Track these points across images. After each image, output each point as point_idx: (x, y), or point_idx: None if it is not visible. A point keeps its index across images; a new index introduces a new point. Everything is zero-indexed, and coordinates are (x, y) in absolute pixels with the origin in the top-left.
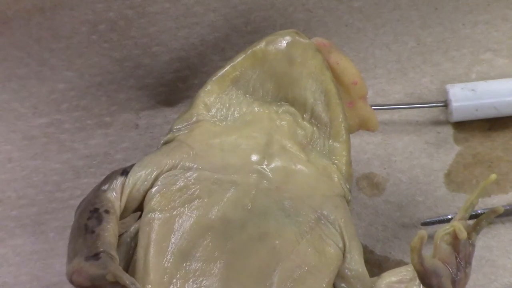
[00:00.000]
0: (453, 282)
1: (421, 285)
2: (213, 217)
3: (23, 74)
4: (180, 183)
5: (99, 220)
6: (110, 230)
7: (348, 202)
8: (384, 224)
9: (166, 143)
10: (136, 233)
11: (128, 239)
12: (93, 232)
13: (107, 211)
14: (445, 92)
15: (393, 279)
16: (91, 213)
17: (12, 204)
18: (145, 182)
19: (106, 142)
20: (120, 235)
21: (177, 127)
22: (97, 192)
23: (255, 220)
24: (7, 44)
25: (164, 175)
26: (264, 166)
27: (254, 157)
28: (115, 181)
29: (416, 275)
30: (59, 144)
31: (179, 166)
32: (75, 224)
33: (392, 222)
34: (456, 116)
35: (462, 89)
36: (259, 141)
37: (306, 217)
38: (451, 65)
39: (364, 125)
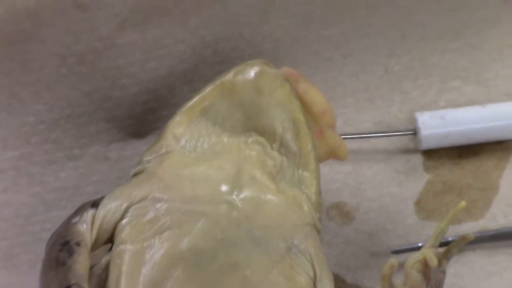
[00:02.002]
0: None
1: None
2: (184, 248)
3: None
4: (150, 215)
5: (70, 253)
6: (81, 262)
7: (318, 231)
8: (354, 253)
9: (136, 174)
10: (107, 265)
11: (99, 271)
12: (64, 264)
13: (78, 244)
14: (414, 120)
15: None
16: (62, 246)
17: None
18: (116, 214)
19: (76, 174)
20: (91, 267)
21: (147, 158)
22: (68, 224)
23: (225, 250)
24: None
25: (134, 206)
26: (234, 197)
27: (224, 188)
28: (85, 213)
29: None
30: (29, 177)
31: (149, 197)
32: (46, 257)
33: (362, 250)
34: (426, 144)
35: (431, 117)
36: (229, 171)
37: (276, 247)
38: (419, 93)
39: (333, 154)
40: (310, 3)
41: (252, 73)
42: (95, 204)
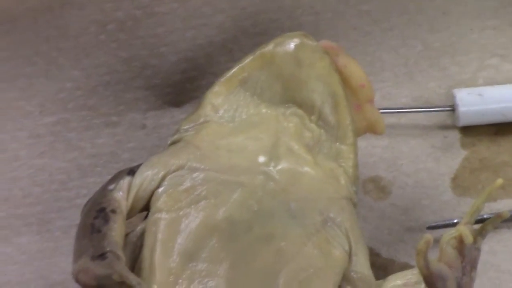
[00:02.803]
0: (459, 286)
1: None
2: (220, 218)
3: (31, 73)
4: (187, 184)
5: (106, 220)
6: (116, 229)
7: (354, 204)
8: (390, 227)
9: (173, 143)
10: (143, 233)
11: (135, 239)
12: (99, 231)
13: (113, 211)
14: (452, 97)
15: (399, 282)
16: (97, 213)
17: (18, 203)
18: (152, 182)
19: (113, 141)
20: (126, 235)
21: (185, 127)
22: (104, 191)
23: (261, 221)
24: (15, 43)
25: (171, 175)
26: (271, 168)
27: (261, 159)
28: (121, 180)
29: (421, 278)
30: (65, 143)
31: (186, 166)
32: (81, 224)
33: (398, 225)
34: (463, 121)
35: (468, 93)
36: (266, 142)
37: (312, 219)
38: (458, 70)
39: (371, 128)
40: None
41: (292, 45)
42: (131, 171)
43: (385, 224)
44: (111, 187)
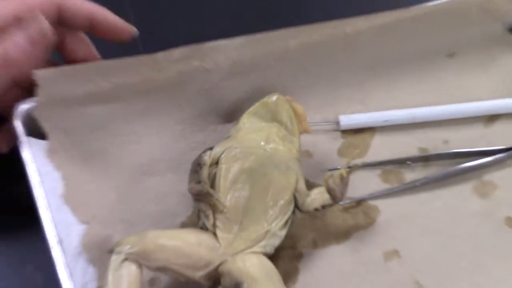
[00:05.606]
0: (340, 193)
1: (328, 194)
2: (246, 167)
3: (172, 113)
4: (233, 153)
5: (201, 167)
6: (205, 171)
7: (298, 161)
8: (313, 170)
9: (227, 137)
10: (215, 173)
11: (212, 176)
12: (198, 172)
13: (204, 164)
14: (338, 118)
15: (316, 191)
16: (198, 165)
17: (165, 162)
18: (219, 153)
19: (203, 138)
20: (208, 174)
21: (232, 131)
22: (200, 156)
23: (262, 169)
24: (162, 101)
25: (227, 150)
26: (266, 147)
27: (262, 143)
28: (208, 151)
29: (325, 189)
30: (186, 139)
31: (232, 146)
32: (191, 169)
33: (316, 168)
34: (342, 127)
35: (345, 117)
36: (264, 137)
37: (282, 167)
38: (341, 108)
39: (305, 131)
40: (304, 69)
41: (274, 98)
42: (211, 148)
43: (310, 168)
44: (203, 154)
